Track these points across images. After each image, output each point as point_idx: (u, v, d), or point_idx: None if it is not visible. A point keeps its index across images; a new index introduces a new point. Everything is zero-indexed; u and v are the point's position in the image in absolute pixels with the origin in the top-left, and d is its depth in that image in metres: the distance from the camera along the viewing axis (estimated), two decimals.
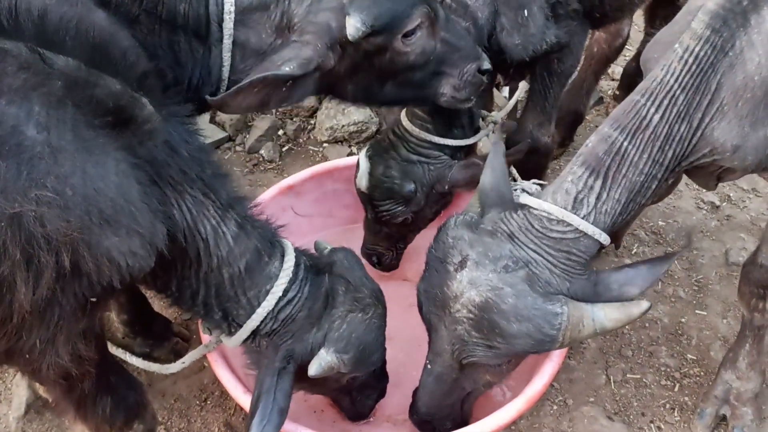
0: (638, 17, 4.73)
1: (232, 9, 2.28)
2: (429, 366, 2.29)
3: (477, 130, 2.96)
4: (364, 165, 2.83)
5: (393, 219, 2.86)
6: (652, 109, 2.05)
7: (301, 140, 4.12)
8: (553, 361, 2.43)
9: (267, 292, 2.05)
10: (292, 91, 2.30)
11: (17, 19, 1.63)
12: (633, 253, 3.45)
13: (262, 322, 2.06)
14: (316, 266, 2.19)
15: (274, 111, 4.24)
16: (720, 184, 3.68)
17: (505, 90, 4.17)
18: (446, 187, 2.83)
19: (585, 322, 2.04)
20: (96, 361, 1.96)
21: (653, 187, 2.14)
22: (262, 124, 4.08)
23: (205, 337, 2.44)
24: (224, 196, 1.98)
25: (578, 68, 3.79)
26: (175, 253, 1.88)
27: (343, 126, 4.02)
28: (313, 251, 2.34)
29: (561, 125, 3.83)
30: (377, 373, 2.37)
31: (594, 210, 2.10)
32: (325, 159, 3.98)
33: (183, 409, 2.85)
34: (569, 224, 2.08)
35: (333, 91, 2.57)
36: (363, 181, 2.83)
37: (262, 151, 4.00)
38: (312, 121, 4.19)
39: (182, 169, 1.84)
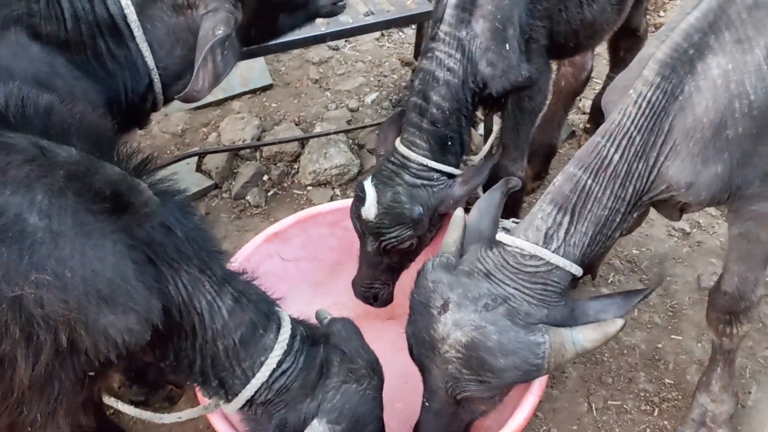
0: (604, 49, 4.94)
1: (129, 2, 2.59)
2: (427, 404, 2.39)
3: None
4: (372, 194, 2.87)
5: (400, 245, 2.91)
6: (612, 149, 2.21)
7: (285, 184, 4.24)
8: (534, 394, 2.53)
9: (261, 364, 2.11)
10: (230, 51, 2.72)
11: (24, 114, 1.77)
12: (609, 281, 3.58)
13: (256, 392, 2.13)
14: (312, 336, 2.26)
15: (258, 157, 4.38)
16: (689, 214, 3.85)
17: (480, 127, 4.33)
18: (450, 206, 2.92)
19: (567, 347, 2.15)
20: (95, 428, 2.03)
21: (618, 220, 2.28)
22: (247, 170, 4.21)
23: (204, 398, 2.48)
24: (219, 272, 2.06)
25: (547, 104, 4.01)
26: (171, 326, 1.96)
27: (325, 169, 4.15)
28: (312, 320, 2.41)
29: (536, 158, 3.99)
30: None
31: (563, 244, 2.24)
32: (309, 202, 4.11)
33: None
34: (541, 258, 2.22)
35: (246, 40, 2.96)
36: (372, 211, 2.85)
37: (248, 197, 4.12)
38: (295, 166, 4.31)
39: (178, 248, 1.94)
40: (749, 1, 2.11)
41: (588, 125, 4.42)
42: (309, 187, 4.20)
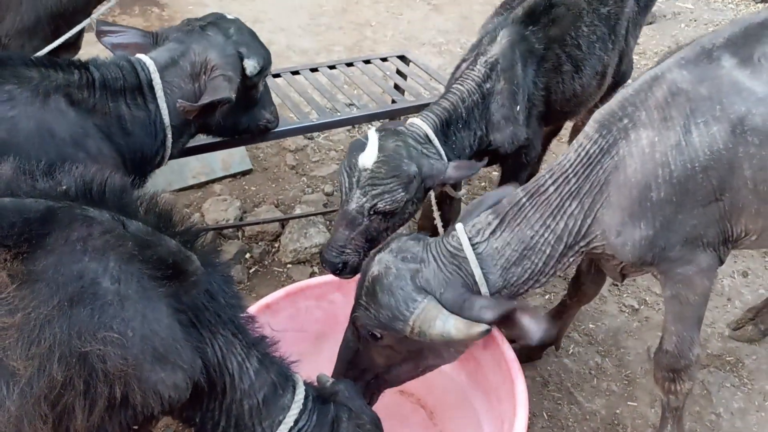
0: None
1: (156, 69, 3.03)
2: (344, 333, 2.86)
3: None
4: (375, 141, 3.07)
5: (387, 202, 3.04)
6: (549, 181, 2.66)
7: (266, 262, 4.48)
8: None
9: (280, 423, 2.26)
10: (217, 112, 3.19)
11: (104, 193, 2.01)
12: (570, 353, 3.91)
13: None
14: (321, 396, 2.43)
15: (240, 236, 4.63)
16: (637, 290, 4.27)
17: None
18: (437, 182, 3.18)
19: (436, 323, 2.49)
20: None
21: (548, 252, 2.67)
22: (230, 249, 4.44)
23: None
24: (249, 336, 2.26)
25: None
26: (206, 386, 2.12)
27: (305, 248, 4.42)
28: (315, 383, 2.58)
29: None
30: None
31: (487, 242, 2.67)
32: (289, 278, 4.34)
33: None
34: (462, 244, 2.65)
35: (215, 126, 3.36)
36: (370, 158, 3.02)
37: (231, 274, 4.32)
38: (276, 245, 4.57)
39: (218, 313, 2.12)
40: (674, 88, 2.58)
41: None
42: (289, 265, 4.45)
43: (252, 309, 3.50)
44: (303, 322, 3.65)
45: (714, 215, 2.61)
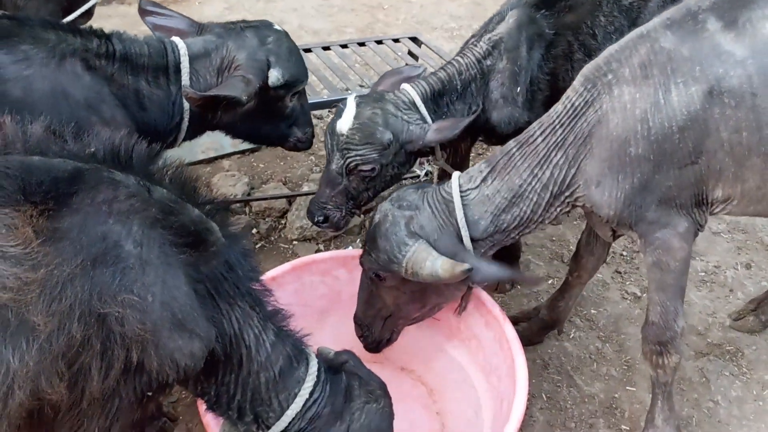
0: None
1: (186, 53, 3.08)
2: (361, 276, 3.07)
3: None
4: (352, 108, 3.18)
5: (362, 166, 3.19)
6: (538, 132, 2.78)
7: (272, 238, 4.53)
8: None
9: (296, 395, 2.30)
10: (226, 110, 3.14)
11: (131, 158, 2.04)
12: (571, 337, 3.95)
13: (290, 422, 2.30)
14: (332, 367, 2.47)
15: (247, 212, 4.66)
16: (639, 278, 4.30)
17: None
18: (417, 147, 3.26)
19: (426, 264, 2.68)
20: None
21: (535, 199, 2.79)
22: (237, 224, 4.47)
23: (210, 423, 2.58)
24: (266, 309, 2.29)
25: None
26: (222, 357, 2.15)
27: (312, 225, 4.42)
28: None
29: None
30: None
31: (478, 189, 2.82)
32: (295, 255, 4.38)
33: None
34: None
35: (232, 126, 3.35)
36: (346, 124, 3.17)
37: (250, 247, 4.36)
38: (282, 221, 4.61)
39: (236, 284, 2.15)
40: (657, 47, 2.62)
41: None
42: (295, 242, 4.49)
43: None
44: (307, 297, 3.69)
45: (690, 178, 2.65)
